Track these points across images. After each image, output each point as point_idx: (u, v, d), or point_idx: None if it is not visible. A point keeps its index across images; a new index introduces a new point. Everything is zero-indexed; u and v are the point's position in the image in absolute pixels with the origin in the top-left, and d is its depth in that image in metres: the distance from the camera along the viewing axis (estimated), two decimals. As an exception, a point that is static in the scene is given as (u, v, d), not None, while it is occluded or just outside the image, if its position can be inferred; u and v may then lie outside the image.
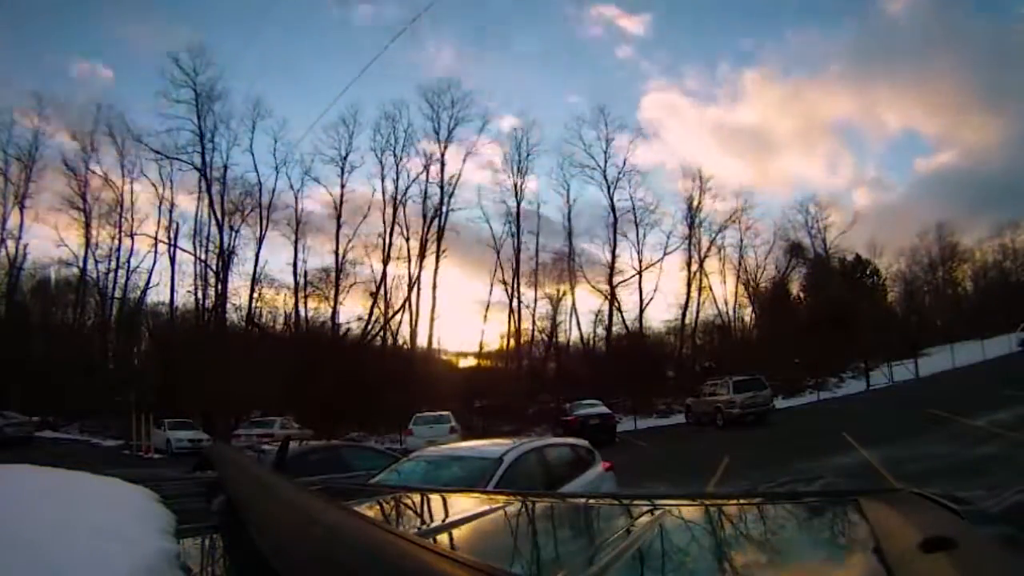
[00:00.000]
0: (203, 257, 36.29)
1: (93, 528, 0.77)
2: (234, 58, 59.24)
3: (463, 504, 1.74)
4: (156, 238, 36.29)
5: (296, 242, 37.37)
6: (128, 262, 36.30)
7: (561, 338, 39.02)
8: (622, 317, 38.20)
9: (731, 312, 39.93)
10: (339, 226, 37.22)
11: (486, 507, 1.55)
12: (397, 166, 38.14)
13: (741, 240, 39.18)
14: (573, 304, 38.86)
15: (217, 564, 1.03)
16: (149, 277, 36.73)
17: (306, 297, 37.63)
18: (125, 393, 27.62)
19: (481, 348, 39.54)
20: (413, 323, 38.10)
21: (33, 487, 0.96)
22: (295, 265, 37.33)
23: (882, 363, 28.97)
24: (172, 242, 36.55)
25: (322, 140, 37.22)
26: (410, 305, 37.91)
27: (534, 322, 38.78)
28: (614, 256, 38.04)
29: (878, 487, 1.46)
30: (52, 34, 44.56)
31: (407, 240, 37.84)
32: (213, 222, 36.00)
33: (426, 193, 38.26)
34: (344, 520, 0.74)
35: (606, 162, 38.66)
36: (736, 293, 39.99)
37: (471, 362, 40.11)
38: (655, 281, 38.43)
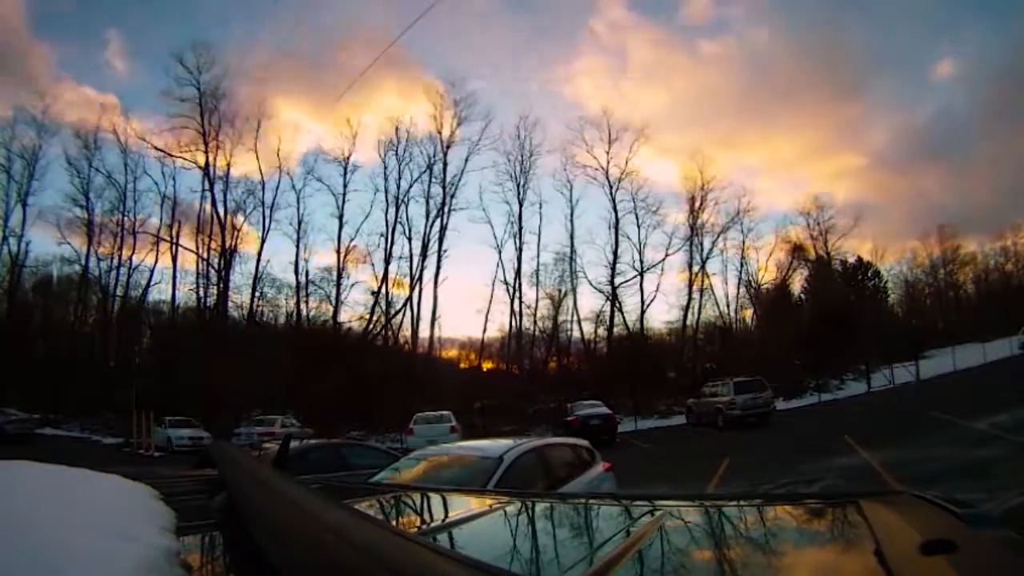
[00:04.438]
0: (205, 256, 36.43)
1: (93, 525, 0.77)
2: (238, 57, 59.29)
3: (463, 504, 1.74)
4: (158, 236, 36.44)
5: (298, 241, 37.52)
6: (130, 260, 36.49)
7: (562, 338, 39.07)
8: (623, 318, 38.25)
9: (732, 313, 40.00)
10: (341, 225, 37.34)
11: (486, 507, 1.55)
12: (399, 165, 38.25)
13: (743, 241, 39.25)
14: (574, 304, 38.91)
15: (217, 561, 1.03)
16: (151, 275, 36.92)
17: (308, 296, 37.75)
18: (126, 391, 27.62)
19: (482, 348, 39.61)
20: (414, 323, 38.19)
21: (33, 484, 0.96)
22: (297, 264, 37.47)
23: (883, 365, 28.95)
24: (174, 240, 36.68)
25: (325, 139, 37.29)
26: (411, 305, 38.00)
27: (535, 322, 38.84)
28: (616, 256, 38.09)
29: (878, 489, 1.46)
30: (55, 31, 44.64)
31: (409, 240, 37.95)
32: (215, 221, 36.14)
33: (428, 193, 38.36)
34: (344, 518, 0.74)
35: (608, 163, 38.71)
36: (737, 294, 40.09)
37: (472, 362, 40.21)
38: (656, 282, 38.50)
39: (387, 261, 37.41)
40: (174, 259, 36.75)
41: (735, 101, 51.05)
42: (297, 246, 37.44)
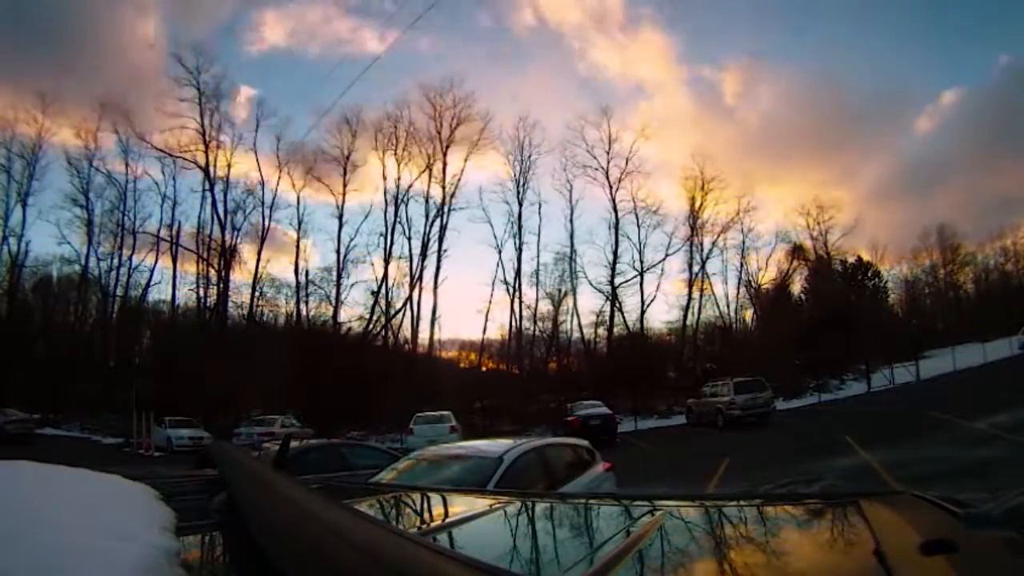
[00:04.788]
0: (205, 256, 36.42)
1: (94, 525, 0.77)
2: (237, 57, 59.29)
3: (463, 504, 1.74)
4: (158, 236, 36.43)
5: (298, 241, 37.56)
6: (130, 260, 36.50)
7: (562, 338, 39.08)
8: (623, 318, 38.25)
9: (732, 313, 40.02)
10: (341, 225, 37.36)
11: (486, 507, 1.55)
12: (399, 166, 38.25)
13: (743, 241, 39.26)
14: (574, 304, 38.93)
15: (217, 561, 1.03)
16: (151, 275, 36.91)
17: (307, 296, 37.75)
18: (126, 391, 27.62)
19: (482, 348, 39.60)
20: (414, 322, 38.18)
21: (34, 484, 0.96)
22: (296, 264, 37.51)
23: (883, 365, 28.94)
24: (174, 240, 36.68)
25: (325, 139, 37.28)
26: (411, 305, 38.00)
27: (535, 322, 38.84)
28: (616, 256, 38.11)
29: (878, 489, 1.46)
30: (56, 31, 44.62)
31: (409, 240, 37.96)
32: (215, 221, 36.15)
33: (428, 193, 38.37)
34: (344, 519, 0.74)
35: (608, 163, 38.74)
36: (737, 295, 40.10)
37: (472, 362, 40.20)
38: (656, 282, 38.53)
39: (387, 261, 37.47)
40: (174, 259, 36.80)
41: (739, 101, 51.03)
42: (297, 246, 37.53)
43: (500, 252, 38.36)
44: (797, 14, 51.14)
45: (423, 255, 37.76)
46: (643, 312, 37.95)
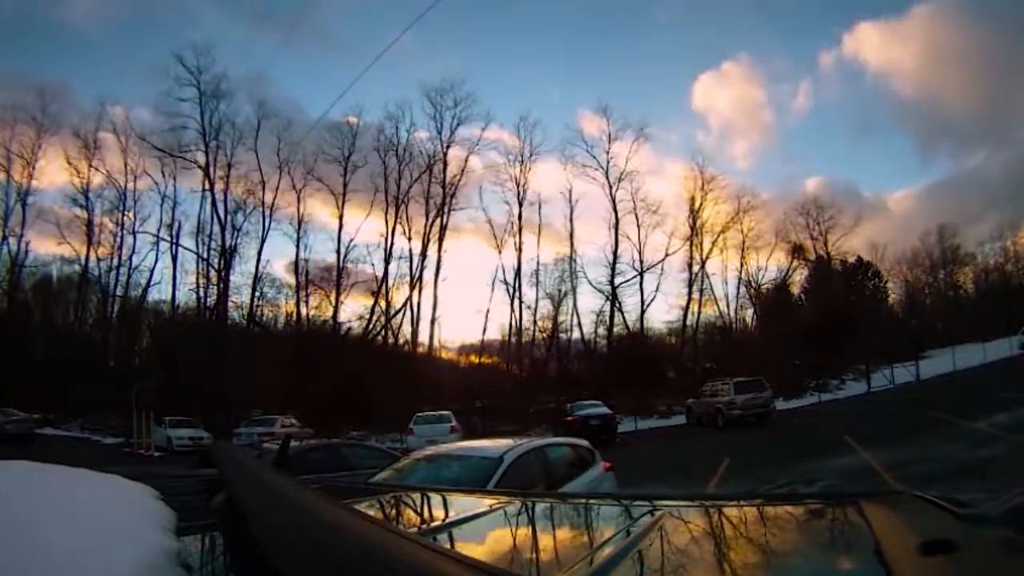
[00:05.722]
0: (205, 255, 36.42)
1: (94, 525, 0.77)
2: (238, 57, 59.32)
3: (463, 504, 1.74)
4: (158, 236, 36.44)
5: (298, 241, 37.53)
6: (130, 260, 36.48)
7: (562, 338, 39.09)
8: (623, 317, 38.28)
9: (732, 313, 40.02)
10: (341, 225, 37.36)
11: (486, 507, 1.55)
12: (399, 166, 38.23)
13: (743, 241, 39.24)
14: (574, 304, 38.94)
15: (217, 562, 1.03)
16: (151, 275, 36.90)
17: (307, 296, 37.75)
18: (126, 391, 27.61)
19: (482, 348, 39.60)
20: (414, 322, 38.19)
21: (34, 484, 0.96)
22: (297, 264, 37.48)
23: (883, 365, 28.94)
24: (174, 240, 36.69)
25: (325, 139, 37.25)
26: (411, 304, 38.00)
27: (535, 322, 38.86)
28: (615, 256, 38.13)
29: (879, 489, 1.47)
30: (56, 31, 44.65)
31: (409, 239, 37.97)
32: (215, 221, 36.13)
33: (428, 193, 38.35)
34: (344, 519, 0.74)
35: (608, 162, 38.77)
36: (737, 294, 40.09)
37: (472, 362, 40.20)
38: (656, 282, 38.55)
39: (387, 261, 37.48)
40: (174, 259, 36.81)
41: (738, 101, 50.99)
42: (297, 246, 37.50)
43: (500, 252, 38.43)
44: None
45: (423, 255, 37.82)
46: (643, 312, 38.07)
